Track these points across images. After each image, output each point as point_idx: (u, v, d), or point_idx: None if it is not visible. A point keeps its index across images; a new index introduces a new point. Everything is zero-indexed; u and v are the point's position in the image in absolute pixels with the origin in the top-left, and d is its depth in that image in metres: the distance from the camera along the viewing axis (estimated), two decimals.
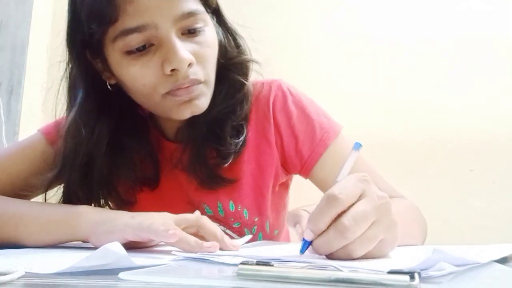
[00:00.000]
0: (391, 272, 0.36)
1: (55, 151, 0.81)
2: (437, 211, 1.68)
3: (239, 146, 0.80)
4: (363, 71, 1.84)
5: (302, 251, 0.49)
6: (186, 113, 0.75)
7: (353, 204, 0.47)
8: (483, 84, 1.77)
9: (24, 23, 1.66)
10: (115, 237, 0.61)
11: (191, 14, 0.72)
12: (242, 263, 0.38)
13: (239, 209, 0.83)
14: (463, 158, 1.73)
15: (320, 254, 0.48)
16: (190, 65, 0.71)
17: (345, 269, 0.37)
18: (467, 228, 1.65)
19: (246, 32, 0.87)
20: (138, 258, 0.49)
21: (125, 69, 0.73)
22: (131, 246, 0.63)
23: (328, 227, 0.47)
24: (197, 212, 0.69)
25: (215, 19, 0.81)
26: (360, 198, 0.48)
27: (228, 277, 0.39)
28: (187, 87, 0.73)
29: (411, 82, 1.81)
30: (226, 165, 0.79)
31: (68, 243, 0.70)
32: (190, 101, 0.74)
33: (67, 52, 0.78)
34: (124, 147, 0.81)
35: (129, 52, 0.72)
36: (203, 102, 0.76)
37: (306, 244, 0.49)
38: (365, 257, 0.48)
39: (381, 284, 0.35)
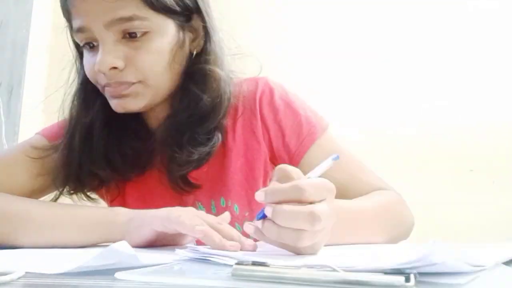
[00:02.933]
0: (388, 273, 0.36)
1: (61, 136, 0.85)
2: (437, 211, 1.68)
3: (204, 154, 0.80)
4: (363, 69, 1.84)
5: (257, 218, 0.52)
6: (118, 108, 0.79)
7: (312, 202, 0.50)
8: (484, 84, 1.77)
9: (24, 23, 1.66)
10: (145, 230, 0.64)
11: (125, 20, 0.75)
12: (238, 263, 0.38)
13: (229, 205, 0.84)
14: (463, 158, 1.73)
15: (269, 234, 0.51)
16: (116, 68, 0.76)
17: (341, 270, 0.37)
18: (467, 228, 1.65)
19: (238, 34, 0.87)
20: (143, 253, 0.50)
21: (83, 60, 0.81)
22: (161, 243, 0.66)
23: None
24: (226, 213, 0.71)
25: (185, 22, 0.80)
26: (320, 202, 0.51)
27: (223, 278, 0.39)
28: (114, 87, 0.77)
29: (411, 81, 1.81)
30: (184, 172, 0.80)
31: None
32: (121, 97, 0.78)
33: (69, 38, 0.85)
34: (122, 122, 0.84)
35: (83, 46, 0.80)
36: (136, 101, 0.79)
37: (262, 215, 0.51)
38: (296, 251, 0.52)
39: (375, 285, 0.35)
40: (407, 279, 0.35)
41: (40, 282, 0.40)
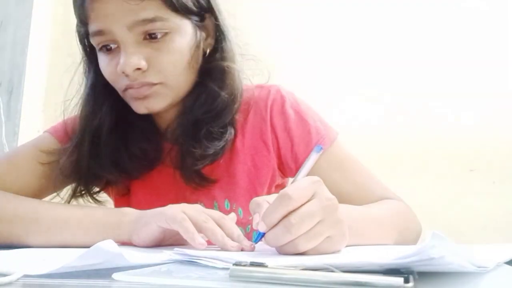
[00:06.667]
0: (387, 274, 0.36)
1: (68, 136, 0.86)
2: (437, 211, 1.68)
3: (219, 149, 0.81)
4: (363, 70, 1.83)
5: (256, 241, 0.54)
6: (141, 109, 0.80)
7: (303, 204, 0.51)
8: (483, 84, 1.76)
9: (24, 23, 1.66)
10: (152, 228, 0.63)
11: (147, 21, 0.75)
12: (235, 264, 0.38)
13: (234, 208, 0.85)
14: (463, 158, 1.73)
15: (271, 246, 0.53)
16: (140, 69, 0.76)
17: (339, 270, 0.37)
18: (467, 228, 1.65)
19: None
20: (133, 252, 0.49)
21: (99, 63, 0.81)
22: (170, 242, 0.66)
23: (278, 223, 0.51)
24: (233, 214, 0.72)
25: (199, 22, 0.82)
26: (311, 198, 0.52)
27: (221, 279, 0.39)
28: (137, 87, 0.78)
29: (411, 81, 1.81)
30: (200, 167, 0.81)
31: None
32: (144, 98, 0.79)
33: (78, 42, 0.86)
34: (129, 123, 0.85)
35: (101, 49, 0.80)
36: (158, 101, 0.80)
37: (260, 235, 0.53)
38: (316, 252, 0.52)
39: (374, 286, 0.35)
40: (406, 280, 0.35)
41: (39, 282, 0.40)
